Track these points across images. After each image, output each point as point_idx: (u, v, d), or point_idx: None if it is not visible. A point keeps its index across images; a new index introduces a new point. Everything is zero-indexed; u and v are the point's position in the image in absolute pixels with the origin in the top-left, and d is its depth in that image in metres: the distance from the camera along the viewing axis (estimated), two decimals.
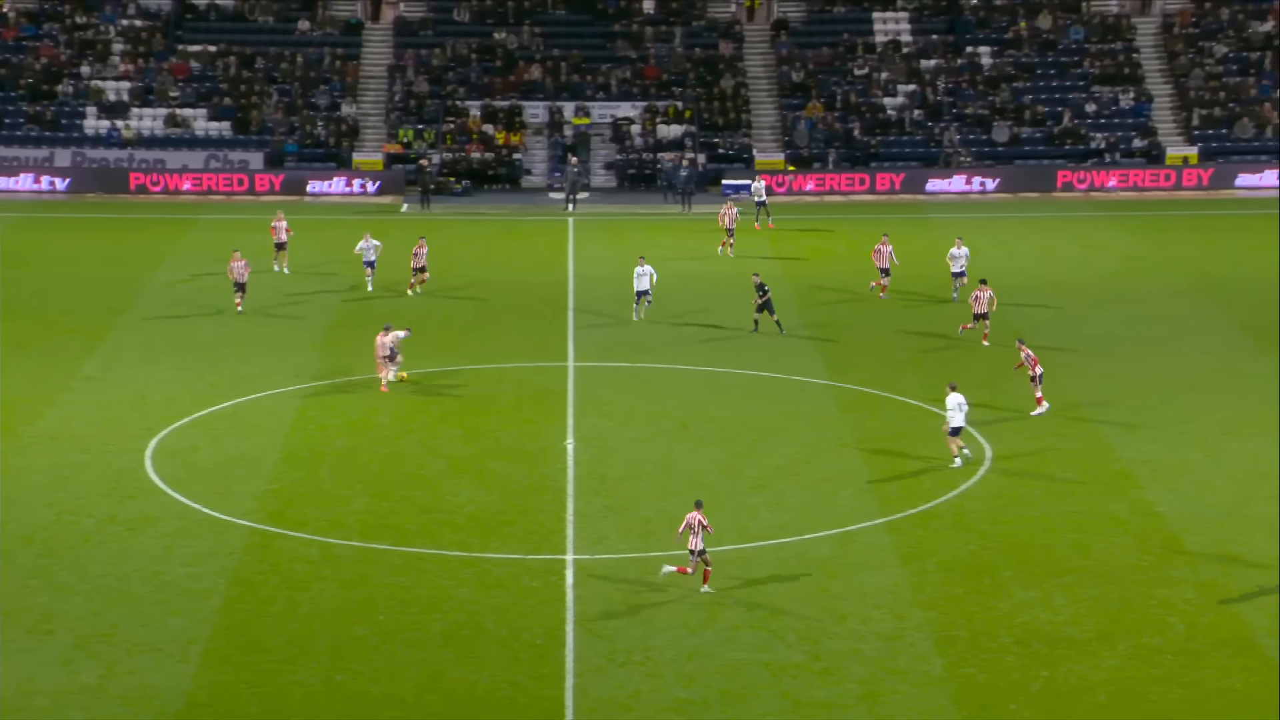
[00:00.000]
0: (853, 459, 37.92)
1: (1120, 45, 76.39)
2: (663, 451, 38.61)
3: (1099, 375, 44.13)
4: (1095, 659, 28.54)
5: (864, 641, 29.12)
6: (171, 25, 76.42)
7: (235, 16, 77.61)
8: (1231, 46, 75.89)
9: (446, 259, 58.36)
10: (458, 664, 28.42)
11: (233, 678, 27.93)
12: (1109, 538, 33.65)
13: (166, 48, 75.62)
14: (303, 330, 48.70)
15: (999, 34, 76.83)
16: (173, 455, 38.21)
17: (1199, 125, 73.13)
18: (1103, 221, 64.77)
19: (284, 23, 77.42)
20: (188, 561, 32.42)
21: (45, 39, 75.56)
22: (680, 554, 31.33)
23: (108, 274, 55.48)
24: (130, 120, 72.62)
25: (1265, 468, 37.34)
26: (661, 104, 73.33)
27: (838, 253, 59.84)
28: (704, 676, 27.91)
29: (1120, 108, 73.93)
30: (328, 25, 77.40)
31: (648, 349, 46.79)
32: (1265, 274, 55.37)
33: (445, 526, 34.23)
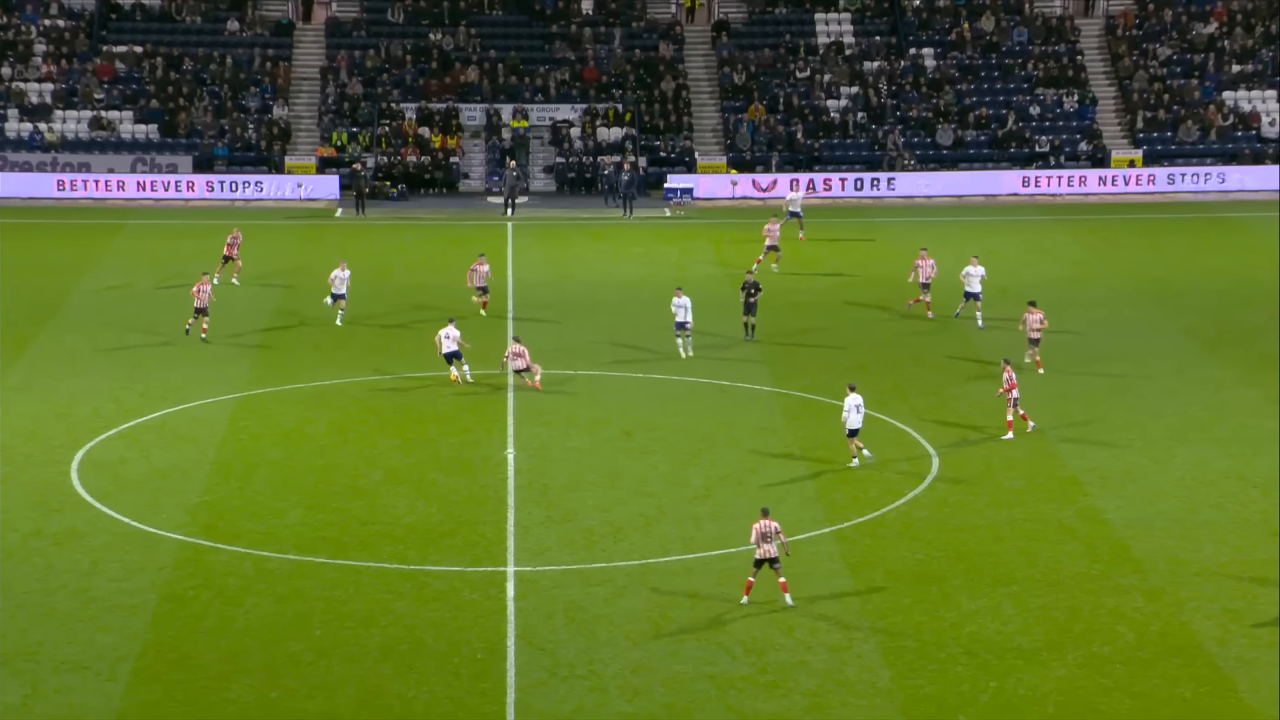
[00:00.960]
0: (799, 467, 38.00)
1: (1064, 47, 77.03)
2: (606, 460, 38.57)
3: (1045, 381, 44.39)
4: (1044, 669, 28.70)
5: (811, 653, 29.17)
6: (95, 25, 75.81)
7: (161, 16, 77.05)
8: (1175, 48, 76.66)
9: (383, 265, 58.16)
10: (396, 680, 28.28)
11: (163, 696, 27.69)
12: (1057, 545, 33.85)
13: (90, 48, 75.01)
14: (234, 339, 48.37)
15: (942, 36, 77.32)
16: (100, 467, 37.86)
17: (1143, 128, 73.82)
18: (1047, 225, 65.24)
19: (212, 23, 76.95)
20: (116, 576, 32.12)
21: None
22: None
23: (31, 281, 54.93)
24: (53, 123, 71.97)
25: (1212, 474, 37.68)
26: (601, 106, 73.35)
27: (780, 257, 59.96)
28: (649, 690, 27.89)
29: (1065, 110, 74.54)
30: (257, 26, 76.97)
31: (588, 356, 46.75)
32: (1211, 278, 55.97)
33: (383, 538, 34.06)
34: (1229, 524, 34.93)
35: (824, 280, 56.27)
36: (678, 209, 68.07)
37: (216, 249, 60.29)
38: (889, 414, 41.24)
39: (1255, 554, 33.40)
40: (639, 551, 33.46)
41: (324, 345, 47.92)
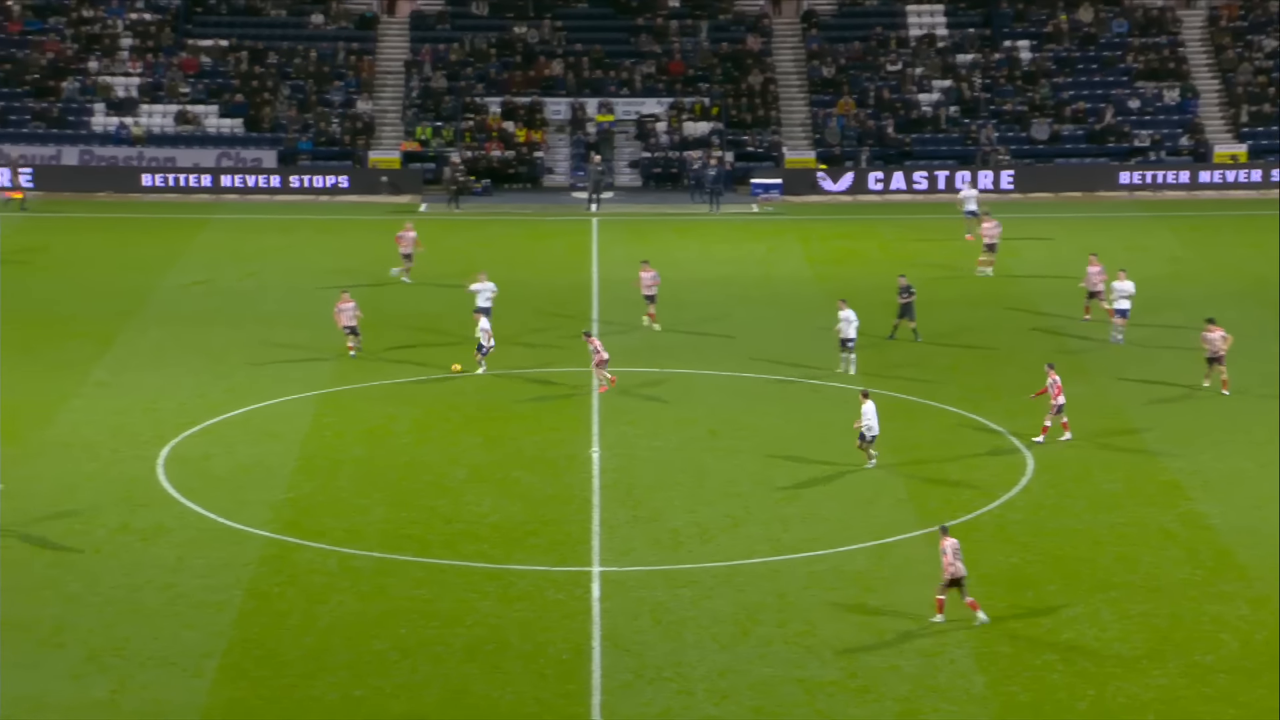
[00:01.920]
0: (889, 469, 37.84)
1: (1165, 39, 76.22)
2: (692, 460, 38.58)
3: (1145, 382, 43.96)
4: (1145, 677, 28.42)
5: (902, 658, 29.04)
6: (180, 19, 76.69)
7: (246, 10, 77.81)
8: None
9: (467, 261, 58.43)
10: (481, 680, 28.43)
11: (249, 693, 27.98)
12: (1158, 551, 33.52)
13: (175, 42, 75.88)
14: (319, 334, 48.76)
15: (1038, 27, 76.70)
16: (186, 463, 38.31)
17: (1247, 122, 72.90)
18: (1146, 222, 64.56)
19: (296, 16, 77.63)
20: (202, 573, 32.49)
21: (50, 34, 75.85)
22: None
23: (118, 276, 55.65)
24: (139, 117, 72.88)
25: None
26: (687, 100, 73.33)
27: (868, 255, 59.72)
28: (736, 693, 27.87)
29: (1165, 104, 73.74)
30: (342, 19, 77.57)
31: (674, 355, 46.77)
32: None
33: (467, 537, 34.25)
34: None
35: (920, 278, 55.94)
36: (765, 205, 67.95)
37: (300, 245, 60.97)
38: (981, 414, 41.00)
39: None
40: (726, 553, 33.45)
41: (409, 340, 48.21)
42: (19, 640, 29.73)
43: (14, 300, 52.39)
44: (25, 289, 53.87)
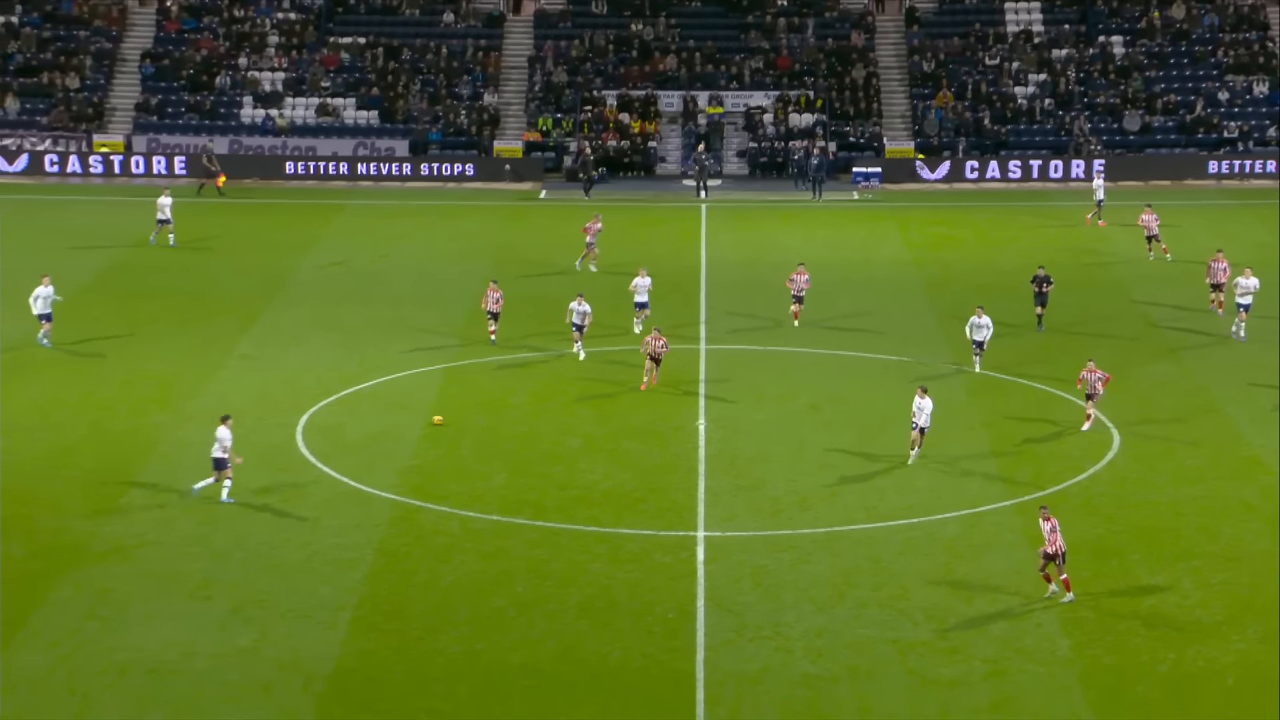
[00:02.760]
0: (981, 442, 37.56)
1: (1254, 34, 74.73)
2: (793, 433, 38.52)
3: (1232, 363, 43.26)
4: (1224, 642, 28.05)
5: (991, 621, 28.87)
6: (323, 18, 77.52)
7: (383, 9, 78.51)
8: None
9: (581, 245, 58.60)
10: (592, 636, 28.60)
11: (378, 645, 28.35)
12: (1238, 523, 33.03)
13: (318, 40, 76.72)
14: (445, 312, 49.19)
15: (1131, 23, 75.51)
16: (322, 431, 38.82)
17: None
18: (1234, 210, 63.39)
19: (429, 15, 78.19)
20: (336, 532, 32.95)
21: (205, 32, 77.03)
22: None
23: (261, 258, 56.42)
24: (284, 109, 73.81)
25: None
26: (793, 93, 73.05)
27: (964, 240, 59.20)
28: (832, 652, 27.84)
29: (1254, 96, 72.33)
30: (471, 18, 78.04)
31: (777, 334, 46.66)
32: None
33: (580, 503, 34.45)
34: None
35: (1008, 262, 55.43)
36: (865, 193, 67.56)
37: (429, 229, 61.45)
38: (1070, 391, 40.55)
39: None
40: (824, 520, 33.40)
41: (529, 317, 48.45)
42: (170, 592, 30.33)
43: (168, 280, 53.32)
44: (178, 269, 54.78)
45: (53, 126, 72.93)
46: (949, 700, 26.32)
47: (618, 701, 26.44)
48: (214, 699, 26.60)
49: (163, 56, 75.96)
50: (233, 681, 27.12)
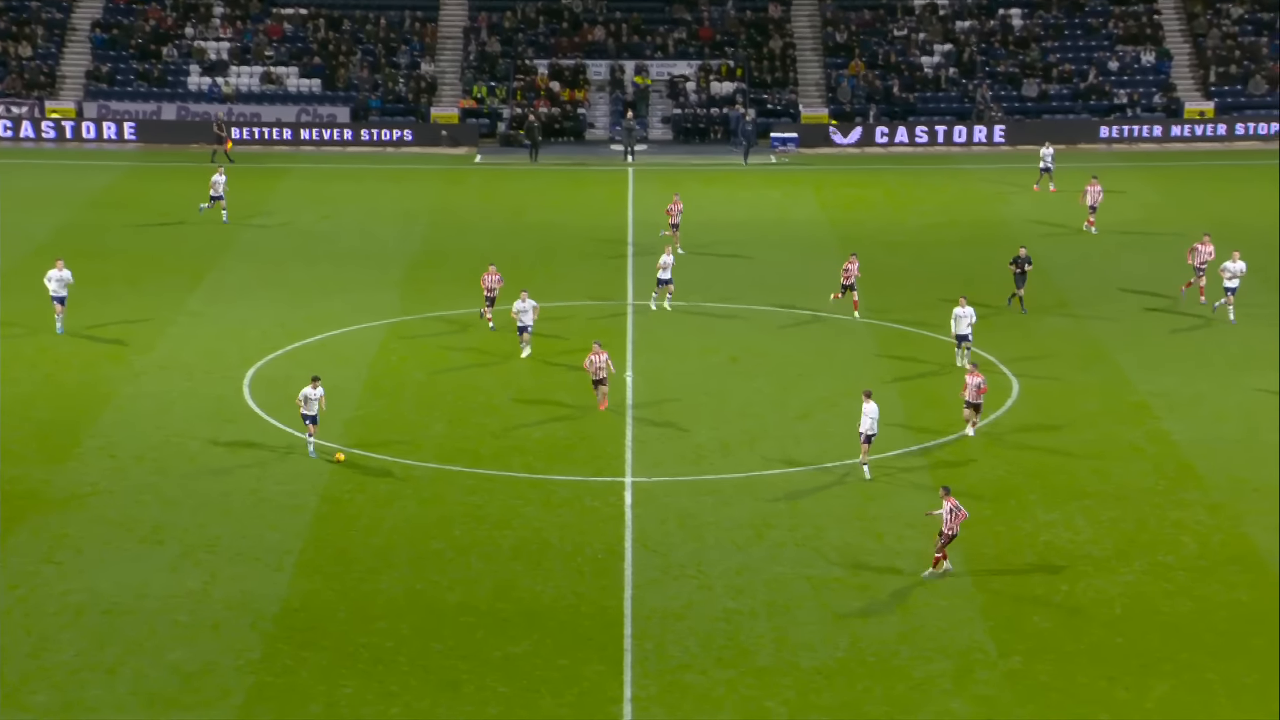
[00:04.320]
0: (890, 392, 37.74)
1: (1142, 7, 75.10)
2: (715, 384, 38.55)
3: (1122, 314, 43.66)
4: (1112, 575, 28.41)
5: (899, 558, 29.07)
6: None
7: None
8: (1247, 8, 74.53)
9: (517, 206, 58.35)
10: (526, 575, 28.58)
11: (323, 586, 28.21)
12: (1127, 464, 33.40)
13: (262, 10, 75.57)
14: (384, 271, 48.81)
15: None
16: (268, 384, 38.46)
17: (1215, 82, 71.95)
18: (1124, 172, 63.87)
19: None
20: (282, 480, 32.70)
21: (153, 3, 75.65)
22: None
23: (209, 219, 55.70)
24: (229, 78, 72.79)
25: (1272, 400, 36.92)
26: (715, 63, 72.80)
27: (875, 201, 59.36)
28: (751, 589, 27.95)
29: (1142, 65, 72.82)
30: None
31: (701, 290, 46.60)
32: (1275, 222, 54.55)
33: (515, 451, 34.34)
34: None
35: (916, 221, 55.67)
36: (783, 157, 67.53)
37: (370, 192, 60.82)
38: (977, 344, 40.73)
39: None
40: (744, 466, 33.47)
41: (466, 276, 48.14)
42: (122, 538, 30.03)
43: (120, 239, 52.57)
44: (130, 230, 54.02)
45: (6, 94, 71.59)
46: (859, 632, 26.51)
47: (550, 637, 26.43)
48: (165, 637, 26.39)
49: (112, 26, 74.64)
50: (182, 621, 26.92)
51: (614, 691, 24.82)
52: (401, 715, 24.26)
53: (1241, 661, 25.50)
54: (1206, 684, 24.88)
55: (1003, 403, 36.90)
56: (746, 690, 24.79)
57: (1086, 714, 24.13)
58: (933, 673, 25.23)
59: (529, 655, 25.86)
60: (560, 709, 24.40)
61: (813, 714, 24.19)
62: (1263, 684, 24.88)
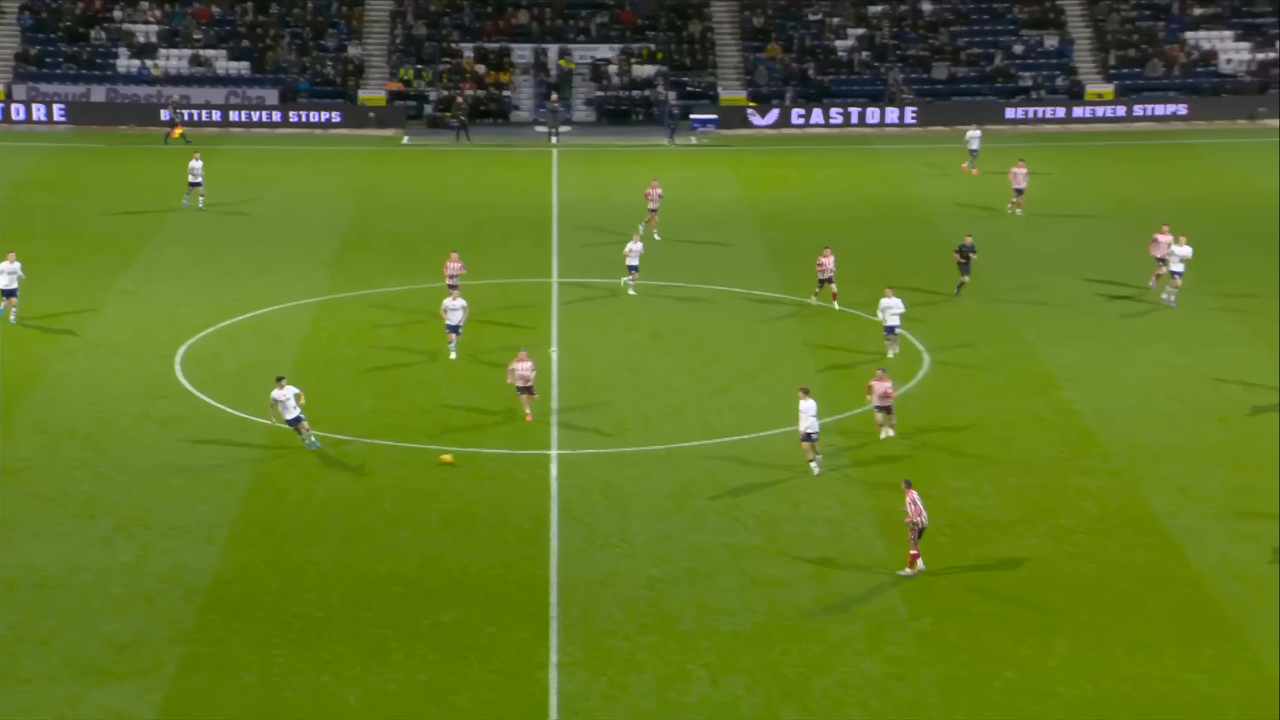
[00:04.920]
0: (806, 365, 37.95)
1: None
2: (637, 359, 38.59)
3: (1028, 289, 44.11)
4: (1018, 539, 28.77)
5: (815, 526, 29.28)
6: None
7: None
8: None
9: (442, 185, 58.04)
10: (454, 547, 28.52)
11: (254, 558, 28.01)
12: (1032, 433, 33.81)
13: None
14: (314, 250, 48.42)
15: None
16: (200, 361, 38.08)
17: (1115, 65, 72.78)
18: (1029, 151, 64.40)
19: None
20: (214, 456, 32.40)
21: None
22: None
23: (140, 199, 55.03)
24: (158, 60, 71.76)
25: (1170, 370, 37.53)
26: (636, 46, 72.68)
27: (792, 180, 59.57)
28: (673, 557, 28.06)
29: (1045, 49, 73.51)
30: None
31: (623, 267, 46.57)
32: (1172, 198, 55.40)
33: (443, 426, 34.23)
34: (1182, 413, 34.84)
35: (832, 199, 55.95)
36: (703, 138, 67.58)
37: (299, 173, 60.24)
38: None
39: (1204, 439, 33.34)
40: (665, 438, 33.56)
41: (393, 255, 47.92)
42: (56, 512, 29.67)
43: (51, 220, 51.78)
44: (60, 210, 53.23)
45: None
46: (777, 598, 26.69)
47: (478, 605, 26.42)
48: (98, 610, 26.13)
49: (41, 9, 73.34)
50: (116, 594, 26.66)
51: (540, 657, 24.85)
52: (332, 683, 24.17)
53: (1139, 620, 25.95)
54: (1106, 642, 25.28)
55: (914, 375, 37.21)
56: (669, 654, 24.91)
57: (992, 672, 24.46)
58: (847, 635, 25.48)
59: (457, 623, 25.83)
60: (488, 675, 24.40)
61: (732, 675, 24.36)
62: (1158, 641, 25.34)
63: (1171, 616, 26.04)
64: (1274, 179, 57.43)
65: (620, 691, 23.98)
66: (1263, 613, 26.10)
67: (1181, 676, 24.31)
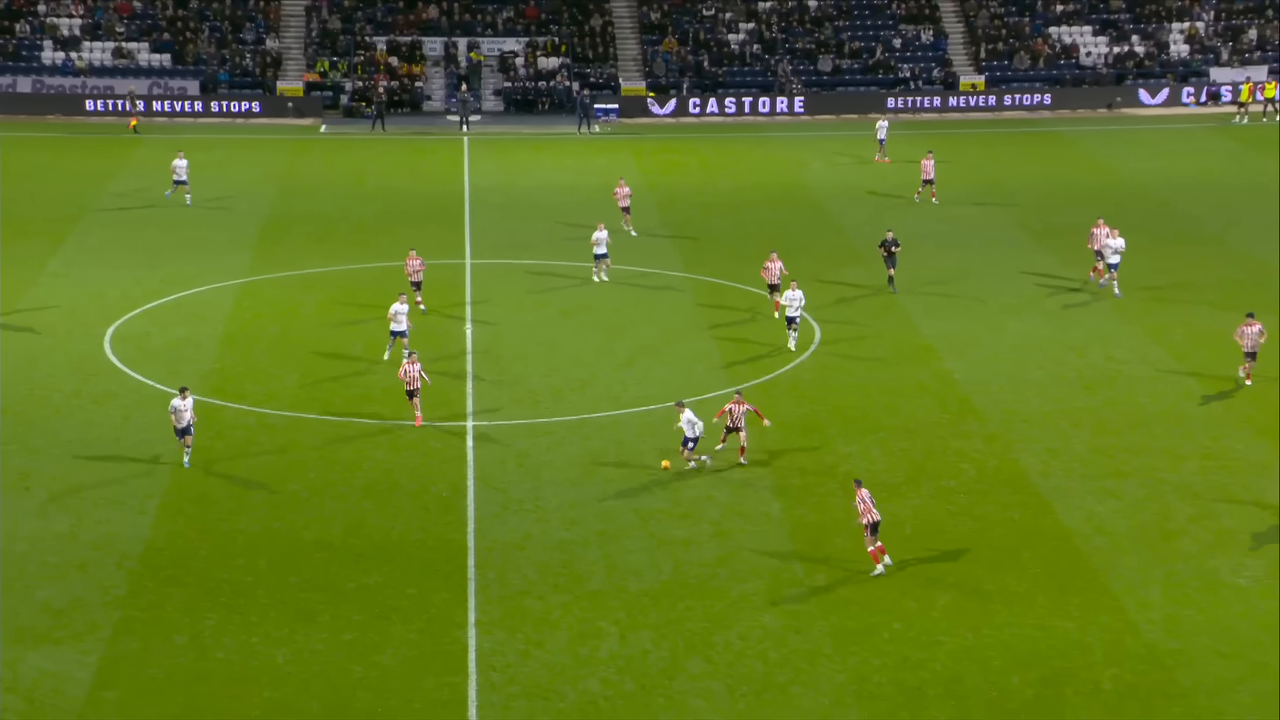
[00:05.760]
0: (706, 340, 38.04)
1: None
2: (547, 335, 38.44)
3: (908, 266, 44.51)
4: (904, 499, 29.07)
5: (716, 489, 29.38)
6: None
7: None
8: None
9: (358, 173, 57.36)
10: (376, 513, 28.28)
11: (185, 526, 27.59)
12: (915, 400, 34.16)
13: None
14: (237, 233, 47.67)
15: None
16: (128, 340, 37.36)
17: (985, 58, 73.60)
18: (907, 138, 65.03)
19: None
20: (144, 429, 31.83)
21: None
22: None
23: (67, 185, 53.81)
24: (82, 53, 70.09)
25: (1038, 340, 38.08)
26: (541, 40, 72.22)
27: (689, 166, 59.60)
28: (584, 521, 28.04)
29: (922, 43, 74.13)
30: None
31: (532, 247, 46.42)
32: (1038, 181, 56.18)
33: (363, 399, 33.88)
34: (1050, 381, 35.38)
35: (726, 183, 56.06)
36: (605, 126, 67.37)
37: (220, 160, 59.18)
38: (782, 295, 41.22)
39: (1070, 404, 33.88)
40: (575, 409, 33.49)
41: (313, 238, 47.30)
42: None
43: None
44: None
45: None
46: (681, 557, 26.77)
47: (400, 569, 26.22)
48: (34, 577, 25.62)
49: None
50: (51, 562, 26.14)
51: (459, 617, 24.73)
52: (261, 644, 23.89)
53: (1014, 573, 26.35)
54: (984, 593, 25.65)
55: (807, 348, 37.43)
56: (581, 612, 24.89)
57: (881, 623, 24.72)
58: (747, 591, 25.61)
59: (380, 586, 25.62)
60: (410, 634, 24.24)
61: (640, 631, 24.40)
62: (1031, 592, 25.76)
63: (1043, 569, 26.47)
64: (1128, 163, 58.46)
65: (535, 648, 23.94)
66: (1124, 564, 26.63)
67: (1052, 624, 24.73)
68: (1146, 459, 30.81)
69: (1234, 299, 40.41)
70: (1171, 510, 28.62)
